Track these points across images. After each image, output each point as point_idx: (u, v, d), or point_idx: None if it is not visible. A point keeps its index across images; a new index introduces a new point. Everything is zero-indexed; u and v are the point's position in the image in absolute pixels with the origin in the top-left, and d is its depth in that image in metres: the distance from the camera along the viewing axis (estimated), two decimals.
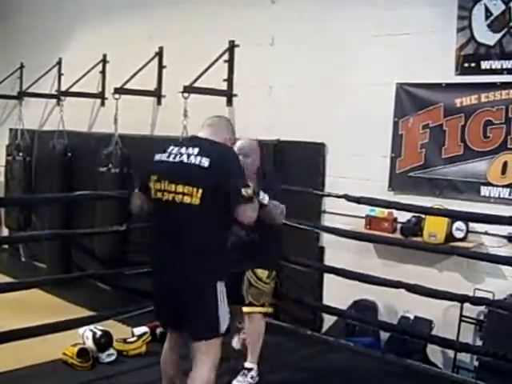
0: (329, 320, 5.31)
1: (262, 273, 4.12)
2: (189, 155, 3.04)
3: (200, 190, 2.96)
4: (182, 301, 3.07)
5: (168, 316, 3.23)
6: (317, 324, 5.39)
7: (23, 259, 7.86)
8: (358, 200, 4.72)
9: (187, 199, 2.98)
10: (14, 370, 4.17)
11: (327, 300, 5.31)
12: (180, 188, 3.01)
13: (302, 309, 5.37)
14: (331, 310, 5.13)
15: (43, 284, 5.54)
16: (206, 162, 2.98)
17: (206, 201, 2.95)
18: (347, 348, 4.87)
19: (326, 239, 5.33)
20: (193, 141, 3.19)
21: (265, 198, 3.33)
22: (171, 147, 3.13)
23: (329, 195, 5.13)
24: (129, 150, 6.15)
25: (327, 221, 5.32)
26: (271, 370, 4.31)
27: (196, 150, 3.04)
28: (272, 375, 4.28)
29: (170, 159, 3.09)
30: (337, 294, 5.20)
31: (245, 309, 4.12)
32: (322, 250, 5.40)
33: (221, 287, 3.08)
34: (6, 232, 8.04)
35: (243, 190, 2.97)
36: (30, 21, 8.15)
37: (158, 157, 3.16)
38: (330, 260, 5.32)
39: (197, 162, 2.99)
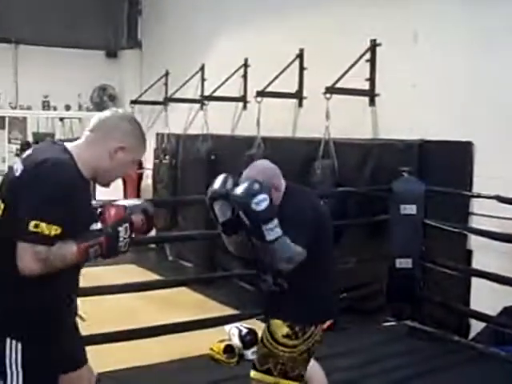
0: (475, 326, 5.09)
1: (279, 327, 2.80)
2: (20, 160, 2.29)
3: (2, 205, 2.22)
4: None
5: None
6: (463, 330, 5.17)
7: (170, 258, 8.21)
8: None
9: None
10: (165, 362, 4.41)
11: (475, 305, 5.09)
12: None
13: (448, 313, 5.19)
14: (480, 316, 4.91)
15: (191, 282, 5.79)
16: (18, 170, 2.21)
17: (5, 220, 2.20)
18: (498, 356, 4.63)
19: (474, 242, 5.10)
20: (41, 143, 2.46)
21: (272, 231, 2.58)
22: None
23: (478, 196, 4.92)
24: (271, 151, 6.23)
25: (475, 223, 5.10)
26: (416, 376, 4.21)
27: (26, 154, 2.29)
28: (418, 381, 4.17)
29: None
30: (485, 299, 4.95)
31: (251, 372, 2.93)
32: (469, 253, 5.18)
33: (18, 352, 2.11)
34: (153, 232, 8.43)
35: (32, 223, 2.06)
36: (174, 31, 8.60)
37: None
38: (478, 263, 5.09)
39: (14, 169, 2.23)
